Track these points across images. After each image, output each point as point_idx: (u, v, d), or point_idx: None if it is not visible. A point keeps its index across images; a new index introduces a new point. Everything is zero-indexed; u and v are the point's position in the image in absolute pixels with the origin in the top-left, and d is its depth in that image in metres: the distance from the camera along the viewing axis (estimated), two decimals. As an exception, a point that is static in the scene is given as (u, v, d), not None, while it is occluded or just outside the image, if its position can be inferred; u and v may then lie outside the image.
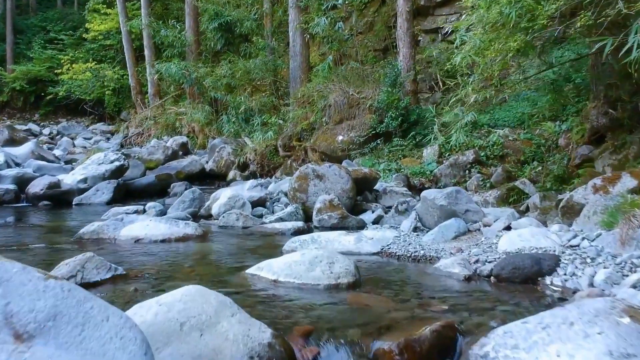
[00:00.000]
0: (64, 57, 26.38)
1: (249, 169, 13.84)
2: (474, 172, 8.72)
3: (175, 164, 13.60)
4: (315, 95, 12.12)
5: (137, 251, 5.28)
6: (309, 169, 7.35)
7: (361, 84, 11.70)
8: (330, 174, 7.31)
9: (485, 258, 4.17)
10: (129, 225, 5.92)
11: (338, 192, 7.22)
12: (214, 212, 7.53)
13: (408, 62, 12.10)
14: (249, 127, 14.49)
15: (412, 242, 5.04)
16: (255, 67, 13.97)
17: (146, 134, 20.07)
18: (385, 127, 10.37)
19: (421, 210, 5.57)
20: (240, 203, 7.40)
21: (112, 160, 11.15)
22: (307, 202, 7.25)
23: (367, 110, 11.15)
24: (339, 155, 11.38)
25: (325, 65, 12.25)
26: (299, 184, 7.30)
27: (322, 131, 11.83)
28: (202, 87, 15.99)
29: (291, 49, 13.32)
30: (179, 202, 8.08)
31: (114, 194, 10.45)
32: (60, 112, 28.84)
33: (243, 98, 14.14)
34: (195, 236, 5.99)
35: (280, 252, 5.10)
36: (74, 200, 10.28)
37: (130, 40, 22.45)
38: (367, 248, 4.99)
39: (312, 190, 7.24)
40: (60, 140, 20.34)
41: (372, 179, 7.81)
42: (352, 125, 11.29)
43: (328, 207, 6.86)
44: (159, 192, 11.59)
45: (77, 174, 10.91)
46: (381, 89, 11.02)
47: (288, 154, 13.26)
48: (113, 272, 3.96)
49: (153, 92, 21.22)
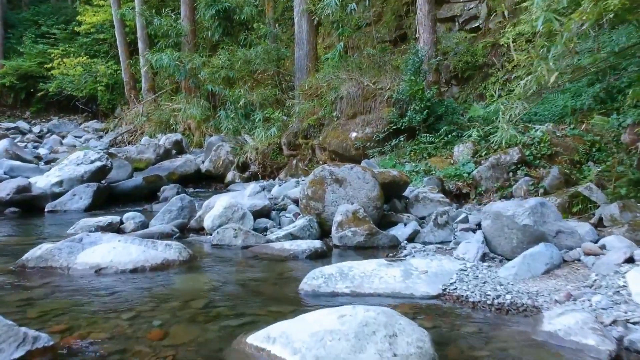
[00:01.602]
0: (55, 51, 24.70)
1: (249, 169, 12.22)
2: (521, 175, 7.13)
3: (167, 164, 11.99)
4: (324, 86, 10.51)
5: (92, 290, 3.67)
6: (325, 172, 5.75)
7: (377, 73, 10.11)
8: (353, 177, 5.71)
9: (626, 316, 2.58)
10: (90, 249, 4.32)
11: (362, 200, 5.62)
12: (206, 224, 5.93)
13: (429, 49, 10.51)
14: (249, 123, 12.87)
15: (486, 280, 3.43)
16: (256, 57, 12.34)
17: (139, 131, 18.44)
18: (408, 121, 8.77)
19: (491, 230, 3.96)
20: (239, 214, 5.80)
21: (92, 160, 9.53)
22: (323, 213, 5.65)
23: (385, 102, 9.55)
24: (353, 154, 9.77)
25: (335, 53, 10.64)
26: (313, 191, 5.70)
27: (333, 127, 10.23)
28: (198, 80, 14.35)
29: (296, 36, 11.72)
30: (165, 211, 6.48)
31: (94, 199, 8.85)
32: (52, 110, 27.20)
33: (243, 91, 12.51)
34: (179, 262, 4.39)
35: (297, 293, 3.50)
36: (47, 207, 8.67)
37: (123, 32, 20.82)
38: (421, 288, 3.39)
39: (330, 198, 5.64)
40: (47, 139, 18.70)
41: (402, 184, 6.21)
42: (368, 120, 9.69)
43: (351, 220, 5.26)
44: (147, 196, 10.02)
45: (52, 175, 9.29)
46: (402, 78, 9.42)
47: (293, 153, 11.65)
48: (30, 346, 2.36)
49: (147, 87, 19.57)
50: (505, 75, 12.76)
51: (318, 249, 4.79)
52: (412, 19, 15.84)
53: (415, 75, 8.91)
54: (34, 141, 19.01)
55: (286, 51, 12.35)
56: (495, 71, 13.27)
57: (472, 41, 14.55)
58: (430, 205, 6.30)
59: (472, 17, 14.95)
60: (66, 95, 24.53)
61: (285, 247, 4.85)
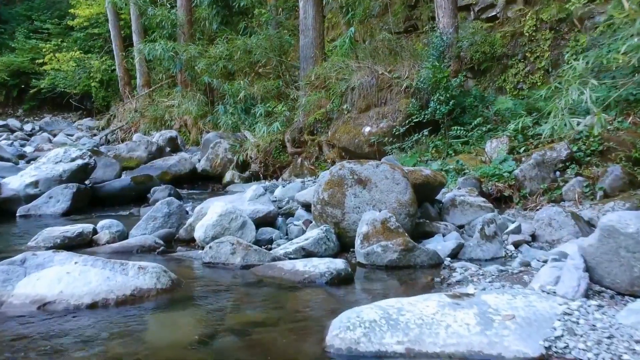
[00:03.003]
0: (46, 45, 23.47)
1: (249, 168, 11.02)
2: (570, 174, 5.95)
3: (160, 162, 10.79)
4: (333, 76, 9.32)
5: (27, 337, 2.49)
6: (345, 170, 4.55)
7: (393, 60, 8.92)
8: (379, 177, 4.52)
9: None
10: (35, 274, 3.13)
11: (392, 206, 4.44)
12: (197, 235, 4.75)
13: (450, 35, 9.32)
14: (250, 118, 11.66)
15: (610, 331, 2.24)
16: (258, 46, 11.11)
17: (133, 128, 17.24)
18: (431, 113, 7.58)
19: (596, 253, 2.74)
20: (238, 223, 4.61)
21: (72, 157, 8.33)
22: (342, 221, 4.46)
23: (403, 93, 8.36)
24: (366, 151, 8.59)
25: (345, 39, 9.44)
26: (330, 194, 4.51)
27: (343, 121, 9.03)
28: (194, 72, 13.15)
29: (301, 22, 10.52)
30: (148, 218, 5.29)
31: (73, 202, 7.67)
32: (45, 107, 25.95)
33: (242, 83, 11.28)
34: (157, 292, 3.21)
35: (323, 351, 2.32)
36: (19, 211, 7.50)
37: (117, 25, 19.62)
38: (512, 345, 2.21)
39: (351, 203, 4.45)
40: (35, 137, 17.50)
41: (437, 185, 5.02)
42: (383, 113, 8.50)
43: (380, 232, 4.08)
44: (136, 198, 8.85)
45: (26, 175, 8.10)
46: (421, 66, 8.24)
47: (298, 150, 10.45)
48: None
49: (142, 82, 18.36)
50: (527, 67, 11.58)
51: (341, 272, 3.59)
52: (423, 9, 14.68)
53: (439, 61, 7.72)
54: (22, 139, 17.79)
55: (290, 39, 11.15)
56: (516, 62, 12.09)
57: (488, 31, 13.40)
58: (469, 211, 5.12)
59: (489, 6, 13.77)
60: (59, 92, 23.31)
61: (298, 269, 3.66)
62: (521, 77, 11.43)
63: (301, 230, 5.18)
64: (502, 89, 11.70)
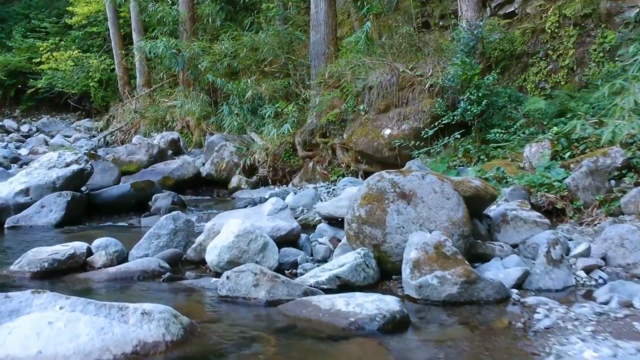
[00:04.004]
0: (43, 44, 22.67)
1: (257, 173, 10.26)
2: (629, 183, 5.21)
3: (161, 167, 10.03)
4: (348, 74, 8.56)
5: None
6: (385, 182, 3.80)
7: (414, 57, 8.19)
8: (426, 190, 3.78)
9: None
10: (7, 324, 2.38)
11: (443, 225, 3.69)
12: (210, 258, 4.00)
13: (474, 30, 8.58)
14: (256, 120, 10.90)
15: None
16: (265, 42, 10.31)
17: (132, 130, 16.46)
18: (461, 115, 6.84)
19: None
20: (258, 245, 3.87)
21: (67, 162, 7.56)
22: (383, 244, 3.71)
23: (427, 92, 7.63)
24: (386, 155, 7.85)
25: (361, 35, 8.69)
26: (367, 211, 3.75)
27: (360, 123, 8.28)
28: (197, 71, 12.38)
29: (313, 17, 9.77)
30: (151, 236, 4.53)
31: (67, 212, 6.94)
32: (43, 108, 25.11)
33: (249, 82, 10.52)
34: (167, 347, 2.46)
35: None
36: (7, 222, 6.76)
37: (117, 23, 18.84)
38: None
39: (394, 222, 3.70)
40: (31, 138, 16.73)
41: (489, 198, 4.27)
42: (405, 114, 7.75)
43: (434, 259, 3.33)
44: (136, 206, 8.10)
45: (16, 182, 7.33)
46: (449, 62, 7.50)
47: (309, 153, 9.70)
48: None
49: (142, 82, 17.55)
50: (549, 65, 10.86)
51: (396, 315, 2.84)
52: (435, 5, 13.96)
53: (468, 57, 6.98)
54: (18, 141, 17.02)
55: (300, 34, 10.39)
56: (537, 61, 11.36)
57: (506, 28, 12.69)
58: (523, 228, 4.37)
59: (507, 2, 13.06)
60: (57, 92, 22.48)
61: (340, 309, 2.91)
62: (543, 76, 10.72)
63: (328, 250, 4.43)
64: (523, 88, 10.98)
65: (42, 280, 4.00)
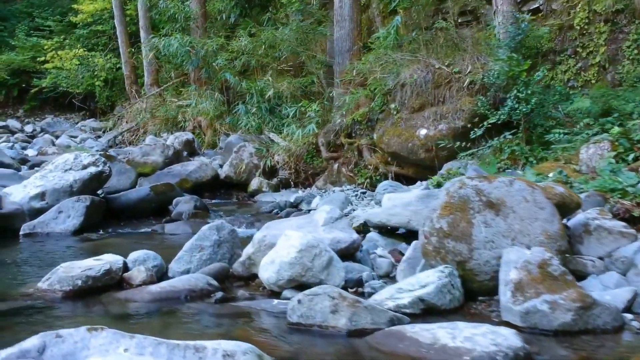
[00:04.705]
0: (48, 43, 22.13)
1: (277, 175, 9.77)
2: None
3: (178, 168, 9.51)
4: (378, 71, 8.07)
5: None
6: (468, 189, 3.31)
7: (449, 53, 7.71)
8: (516, 199, 3.29)
9: None
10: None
11: (538, 239, 3.21)
12: (265, 275, 3.49)
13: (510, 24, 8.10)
14: (275, 119, 10.39)
15: None
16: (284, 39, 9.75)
17: (141, 130, 15.94)
18: (507, 113, 6.36)
19: None
20: (323, 261, 3.37)
21: (85, 164, 7.05)
22: (469, 260, 3.22)
23: (465, 90, 7.15)
24: (422, 157, 7.37)
25: (391, 29, 8.19)
26: (450, 222, 3.26)
27: (392, 123, 7.79)
28: (212, 70, 11.85)
29: (336, 12, 9.27)
30: (192, 248, 4.01)
31: (86, 218, 6.43)
32: (47, 108, 24.56)
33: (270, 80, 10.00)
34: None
35: None
36: (22, 229, 6.25)
37: (124, 20, 18.32)
38: None
39: (482, 235, 3.21)
40: (37, 138, 16.18)
41: (574, 207, 3.79)
42: (442, 114, 7.27)
43: (538, 280, 2.84)
44: (156, 210, 7.62)
45: (31, 186, 6.82)
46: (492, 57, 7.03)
47: (334, 155, 9.20)
48: None
49: (150, 81, 17.02)
50: (578, 63, 10.35)
51: (519, 352, 2.34)
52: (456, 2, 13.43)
53: (515, 52, 6.50)
54: (24, 141, 16.47)
55: (325, 30, 9.87)
56: (565, 59, 10.88)
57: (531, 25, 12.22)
58: (608, 239, 3.87)
59: (531, -3, 12.62)
60: (62, 92, 21.93)
61: (445, 344, 2.41)
62: (572, 75, 10.22)
63: (391, 265, 3.95)
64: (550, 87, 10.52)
65: (75, 300, 3.50)
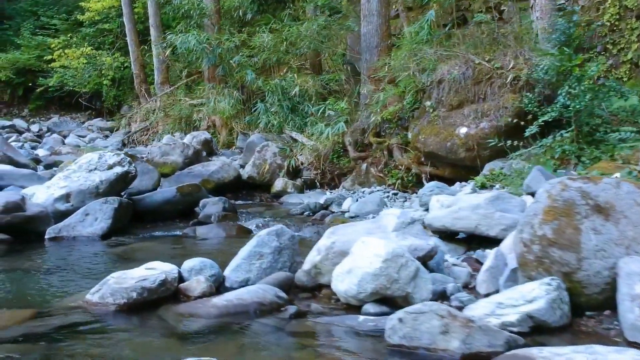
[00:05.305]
0: (55, 41, 21.72)
1: (300, 175, 9.41)
2: None
3: (199, 169, 9.14)
4: (411, 67, 7.71)
5: None
6: (572, 192, 2.96)
7: (488, 49, 7.36)
8: (626, 202, 2.93)
9: None
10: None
11: (652, 247, 2.85)
12: (343, 287, 3.13)
13: (548, 19, 7.75)
14: (297, 118, 10.02)
15: None
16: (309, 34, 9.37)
17: (152, 130, 15.56)
18: (559, 111, 6.01)
19: None
20: (410, 272, 3.01)
21: (110, 164, 6.67)
22: (578, 271, 2.86)
23: (508, 86, 6.79)
24: (462, 157, 7.01)
25: (424, 23, 7.84)
26: (555, 229, 2.90)
27: (428, 121, 7.42)
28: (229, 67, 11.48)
29: (364, 7, 8.90)
30: (251, 255, 3.64)
31: (114, 221, 6.08)
32: (52, 107, 24.12)
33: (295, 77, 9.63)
34: None
35: None
36: (48, 232, 5.89)
37: (133, 19, 17.91)
38: None
39: (591, 243, 2.86)
40: (47, 138, 15.77)
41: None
42: (483, 111, 6.91)
43: (670, 295, 2.48)
44: (182, 212, 7.25)
45: (55, 187, 6.44)
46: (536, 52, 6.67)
47: (362, 155, 8.84)
48: None
49: (161, 80, 16.62)
50: (608, 60, 10.00)
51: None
52: None
53: (567, 46, 6.15)
54: (32, 141, 16.07)
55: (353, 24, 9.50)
56: (595, 56, 10.56)
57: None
58: None
59: (556, -6, 12.30)
60: (68, 91, 21.51)
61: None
62: (602, 72, 9.91)
63: (469, 275, 3.59)
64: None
65: (130, 314, 3.14)
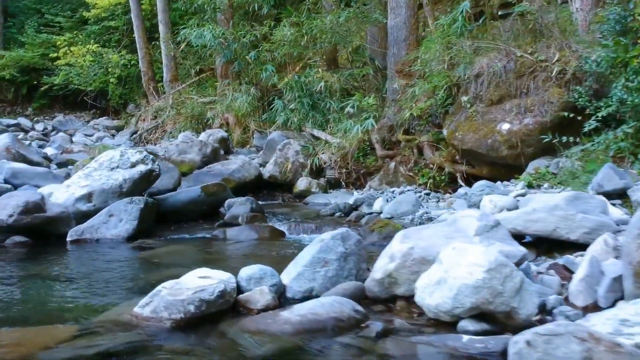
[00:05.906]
0: (60, 39, 21.27)
1: (323, 174, 9.00)
2: None
3: (219, 167, 8.73)
4: (446, 60, 7.31)
5: None
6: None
7: (530, 41, 6.95)
8: None
9: None
10: None
11: None
12: (434, 301, 2.70)
13: (589, 10, 7.36)
14: (319, 115, 9.60)
15: None
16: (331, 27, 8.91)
17: (161, 128, 15.14)
18: (616, 106, 5.60)
19: None
20: (515, 284, 2.59)
21: (133, 162, 6.24)
22: None
23: (554, 80, 6.39)
24: (504, 155, 6.61)
25: (459, 15, 7.41)
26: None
27: (466, 117, 7.02)
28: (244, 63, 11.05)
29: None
30: (315, 261, 3.22)
31: (140, 222, 5.66)
32: (57, 106, 23.62)
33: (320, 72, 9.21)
34: None
35: None
36: (69, 235, 5.48)
37: (141, 15, 17.48)
38: None
39: None
40: (54, 136, 15.34)
41: None
42: (527, 106, 6.50)
43: None
44: (206, 213, 6.86)
45: (75, 186, 6.01)
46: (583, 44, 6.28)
47: (390, 153, 8.44)
48: None
49: (170, 77, 16.15)
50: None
51: None
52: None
53: (624, 36, 5.74)
54: (39, 139, 15.64)
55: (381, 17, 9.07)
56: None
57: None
58: None
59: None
60: (73, 90, 21.05)
61: None
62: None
63: (559, 284, 3.18)
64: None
65: (188, 332, 2.71)
